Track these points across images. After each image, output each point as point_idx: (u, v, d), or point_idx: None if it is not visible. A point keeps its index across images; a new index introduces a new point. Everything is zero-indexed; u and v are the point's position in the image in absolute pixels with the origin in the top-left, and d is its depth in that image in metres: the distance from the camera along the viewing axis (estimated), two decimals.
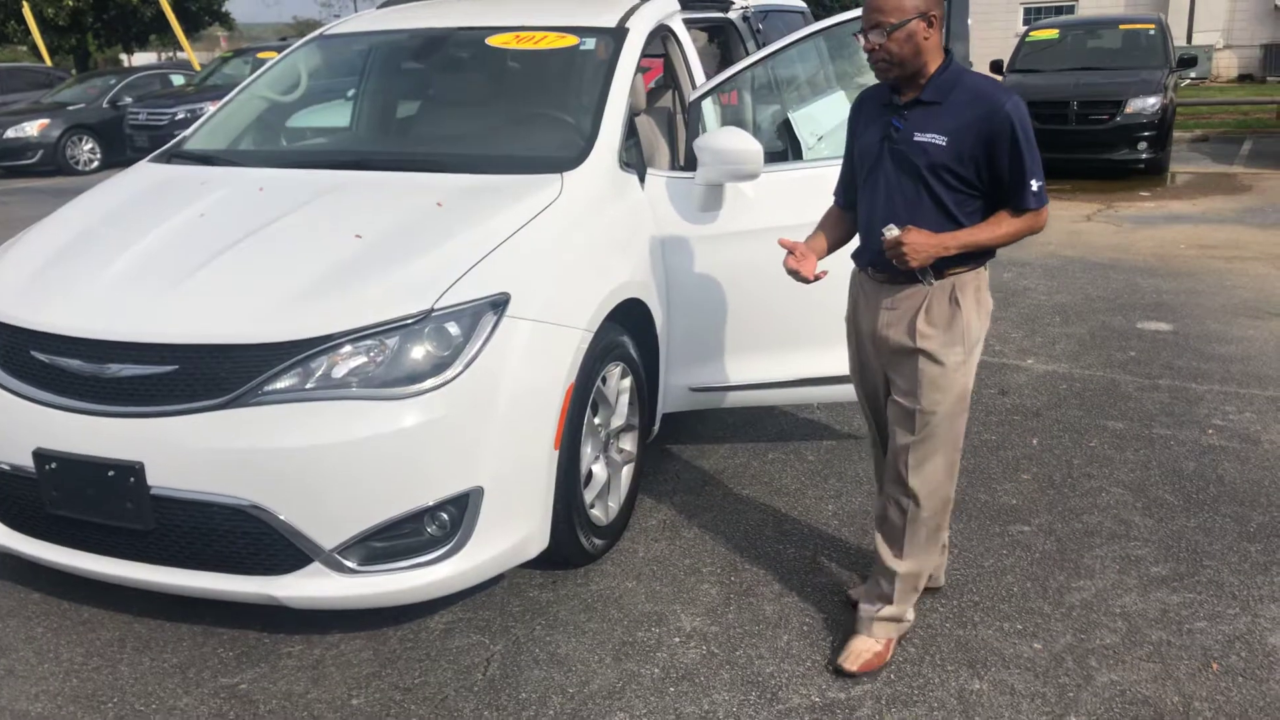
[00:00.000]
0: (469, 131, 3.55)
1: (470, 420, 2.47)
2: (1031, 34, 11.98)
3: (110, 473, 2.42)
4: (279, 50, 14.62)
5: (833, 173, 3.35)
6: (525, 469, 2.60)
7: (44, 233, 3.03)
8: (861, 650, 2.52)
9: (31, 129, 13.86)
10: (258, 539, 2.41)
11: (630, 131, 3.42)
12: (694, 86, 3.80)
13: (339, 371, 2.41)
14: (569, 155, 3.16)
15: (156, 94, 14.75)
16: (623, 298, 3.00)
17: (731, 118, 4.11)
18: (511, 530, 2.60)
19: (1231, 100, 17.05)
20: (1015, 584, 2.88)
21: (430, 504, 2.46)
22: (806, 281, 2.58)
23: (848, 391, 3.57)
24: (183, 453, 2.38)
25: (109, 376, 2.44)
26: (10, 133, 13.79)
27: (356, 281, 2.51)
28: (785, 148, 4.04)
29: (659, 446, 3.83)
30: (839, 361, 3.49)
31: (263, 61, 14.69)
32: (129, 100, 14.62)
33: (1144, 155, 9.88)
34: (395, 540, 2.48)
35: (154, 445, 2.40)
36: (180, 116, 12.97)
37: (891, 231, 2.29)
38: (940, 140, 2.29)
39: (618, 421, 3.15)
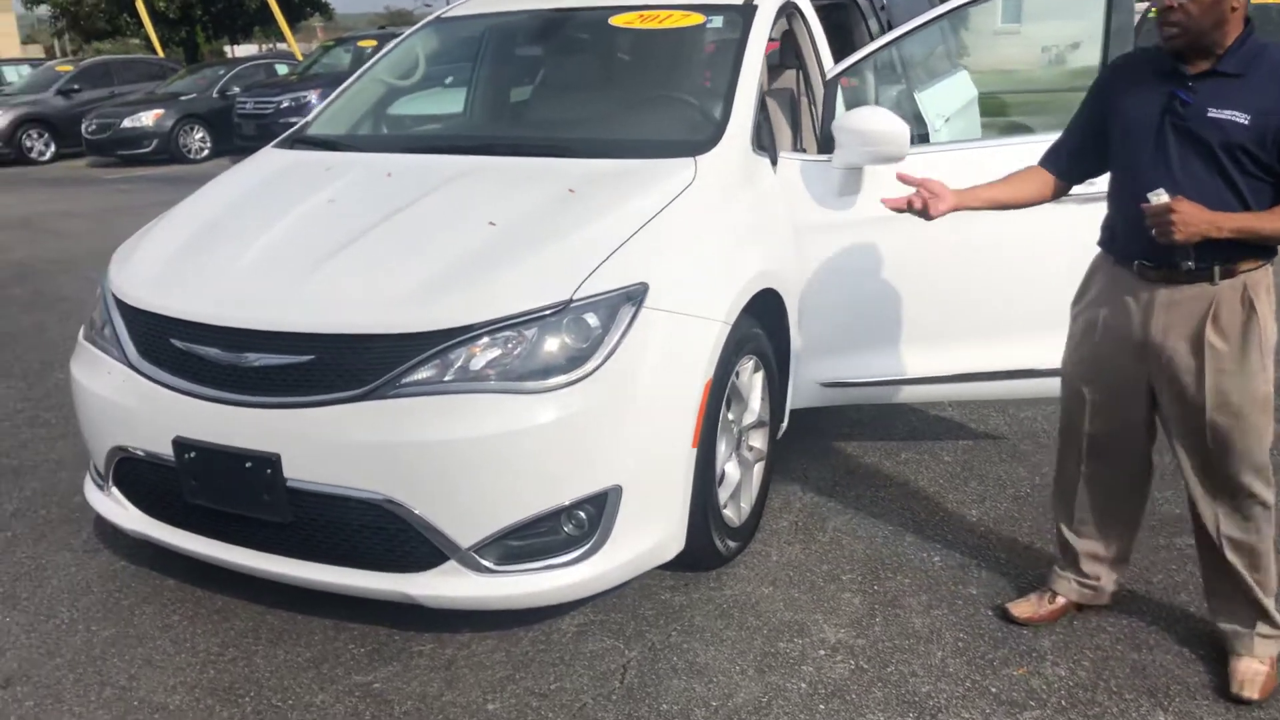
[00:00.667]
0: (594, 115, 3.44)
1: (608, 416, 2.36)
2: None
3: (247, 464, 2.38)
4: (378, 39, 14.90)
5: (981, 155, 3.17)
6: (664, 467, 2.48)
7: (175, 222, 3.02)
8: (1252, 674, 2.28)
9: (147, 119, 14.33)
10: (394, 535, 2.35)
11: (761, 113, 3.26)
12: (820, 65, 3.62)
13: (476, 363, 2.32)
14: (701, 138, 3.02)
15: (262, 83, 15.10)
16: (759, 288, 2.85)
17: (852, 99, 3.92)
18: (650, 531, 2.49)
19: None
20: (1191, 602, 2.65)
21: (567, 503, 2.36)
22: (928, 218, 2.45)
23: (991, 389, 3.37)
24: (320, 445, 2.33)
25: (247, 366, 2.41)
26: (127, 122, 14.28)
27: (492, 270, 2.42)
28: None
29: (784, 445, 3.68)
30: (981, 357, 3.30)
31: (363, 50, 14.97)
32: (236, 90, 15.01)
33: None
34: (532, 539, 2.39)
35: (291, 437, 2.35)
36: (285, 105, 13.23)
37: (1160, 197, 2.04)
38: (1241, 119, 2.05)
39: (750, 418, 3.01)
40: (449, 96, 4.16)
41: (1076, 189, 3.08)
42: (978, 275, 3.20)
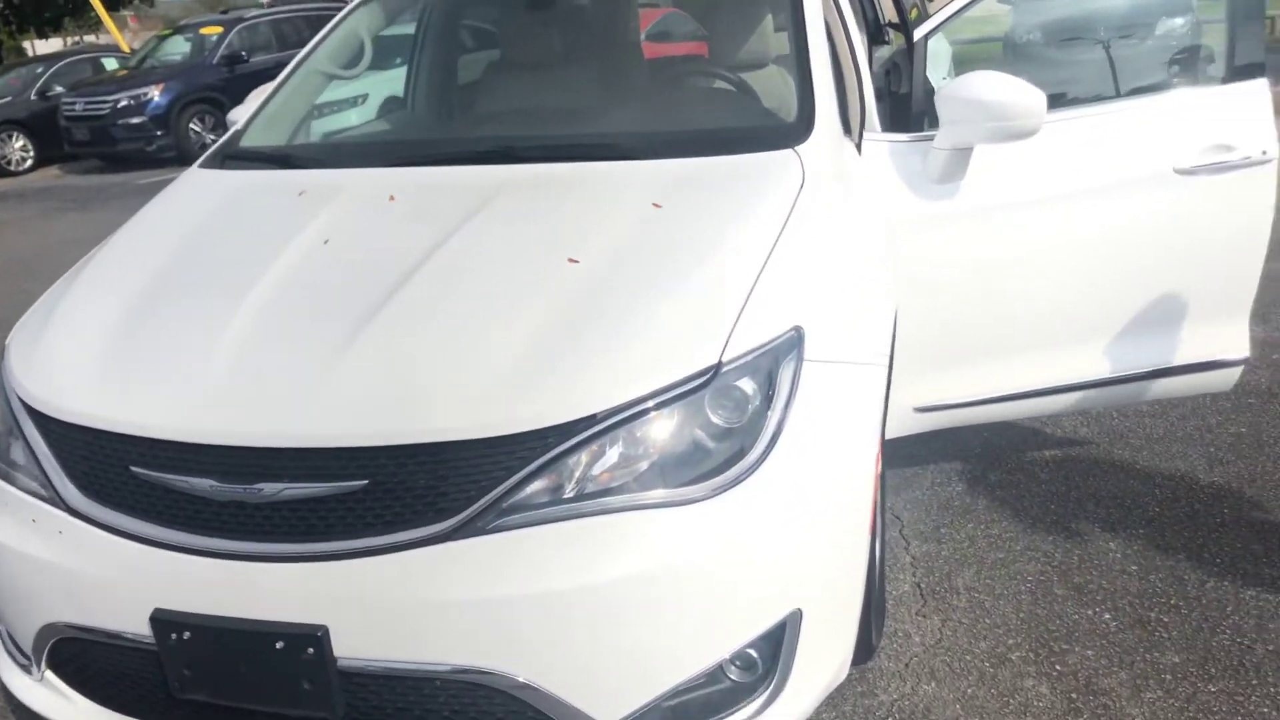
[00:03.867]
0: (638, 101, 2.72)
1: (786, 519, 1.72)
2: None
3: (278, 644, 1.63)
4: (222, 25, 13.43)
5: (1119, 120, 2.65)
6: (847, 570, 1.86)
7: (100, 285, 2.14)
8: None
9: None
10: None
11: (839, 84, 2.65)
12: (845, 29, 3.02)
13: (602, 468, 1.63)
14: (791, 122, 2.38)
15: (90, 81, 13.40)
16: (895, 308, 2.26)
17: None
18: (833, 653, 1.87)
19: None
20: None
21: (738, 647, 1.71)
22: None
23: (1117, 395, 2.89)
24: (387, 609, 1.60)
25: (260, 501, 1.64)
26: None
27: (601, 332, 1.72)
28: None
29: None
30: (1110, 358, 2.82)
31: (205, 38, 13.47)
32: (60, 90, 13.29)
33: None
34: (687, 696, 1.73)
35: (341, 601, 1.61)
36: (124, 104, 11.73)
37: None
38: None
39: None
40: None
41: (1205, 159, 2.64)
42: (1099, 264, 2.70)
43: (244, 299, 1.90)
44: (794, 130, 2.32)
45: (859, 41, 3.05)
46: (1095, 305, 2.76)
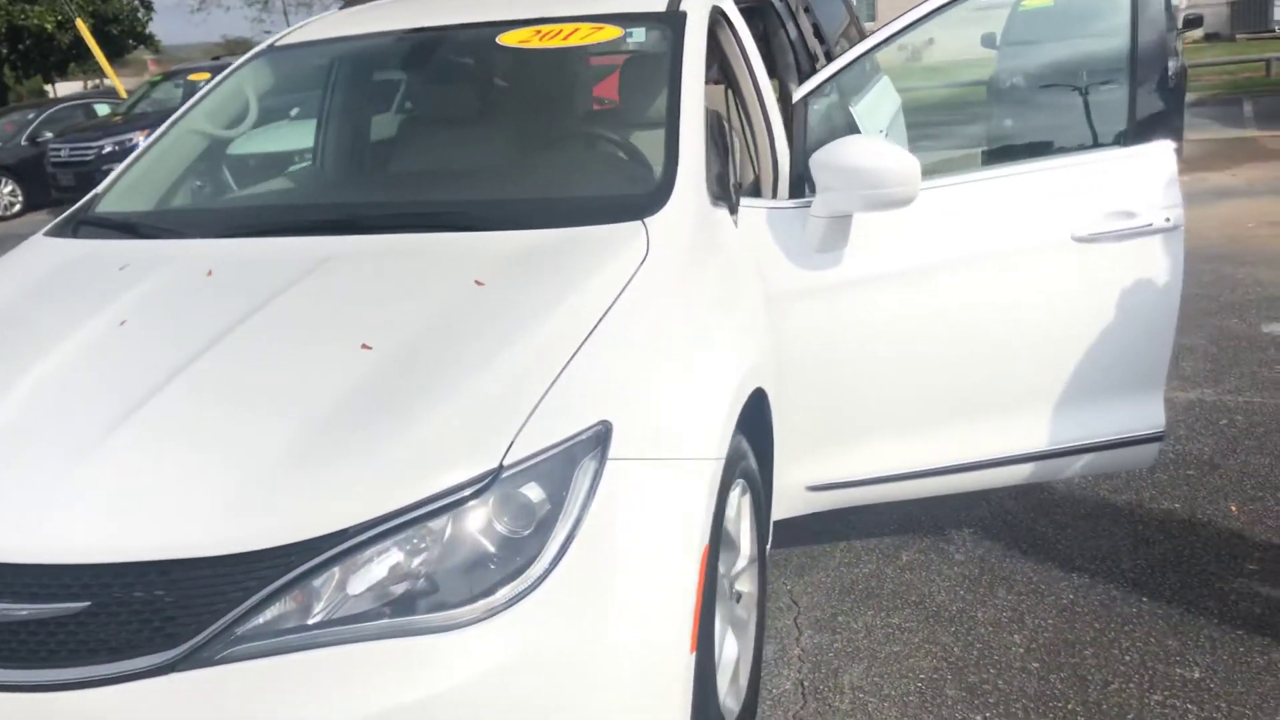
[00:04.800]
0: (489, 168, 2.59)
1: (576, 641, 1.54)
2: (1025, 3, 11.23)
3: None
4: (213, 71, 13.49)
5: (1000, 186, 2.50)
6: (655, 694, 1.68)
7: None
8: None
9: None
10: None
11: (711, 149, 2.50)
12: (755, 82, 2.89)
13: (358, 588, 1.47)
14: (645, 191, 2.23)
15: (79, 126, 13.49)
16: (750, 390, 2.10)
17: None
18: None
19: (1216, 60, 16.44)
20: None
21: None
22: None
23: (1020, 473, 2.71)
24: None
25: None
26: None
27: (371, 432, 1.57)
28: None
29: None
30: (1008, 436, 2.65)
31: (194, 85, 13.51)
32: (49, 135, 13.37)
33: None
34: None
35: None
36: (108, 150, 11.78)
37: None
38: None
39: (741, 563, 2.25)
40: (297, 132, 3.25)
41: (1105, 226, 2.47)
42: (999, 335, 2.54)
43: (14, 387, 1.76)
44: (646, 200, 2.18)
45: (770, 99, 2.92)
46: (996, 379, 2.59)
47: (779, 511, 2.67)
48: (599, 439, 1.63)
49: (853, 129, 2.85)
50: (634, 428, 1.69)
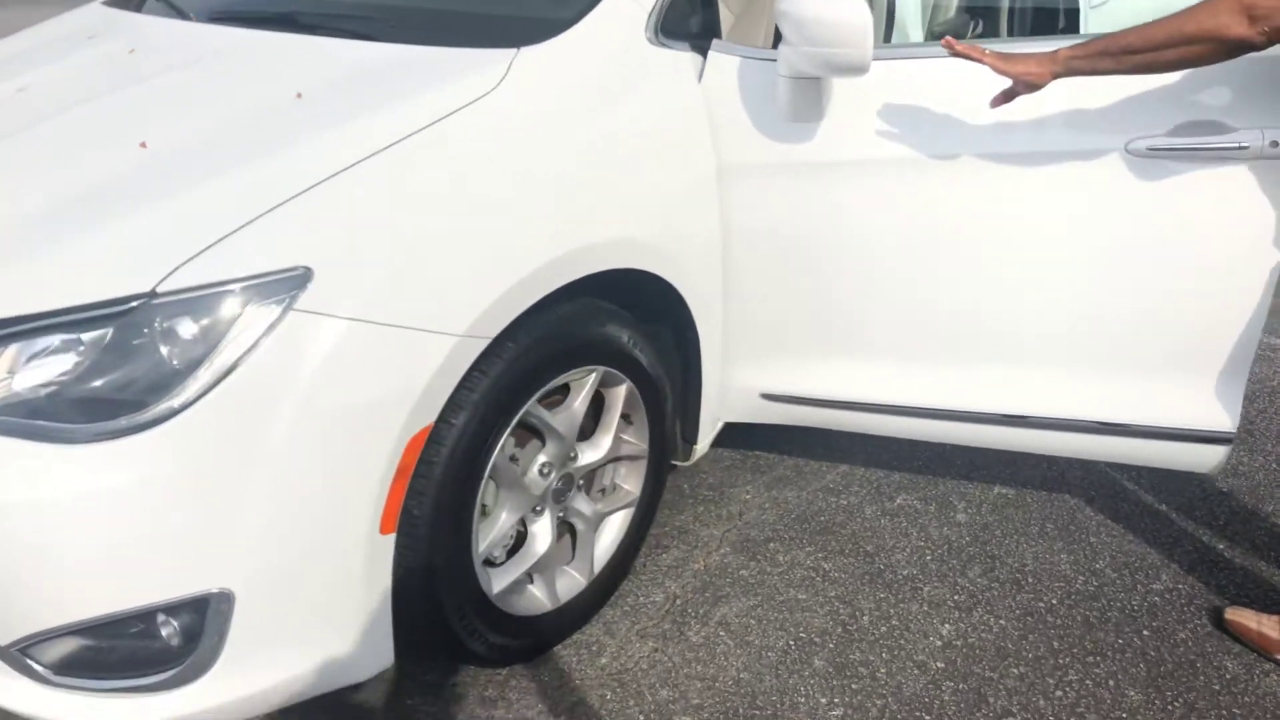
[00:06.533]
0: None
1: (204, 485, 1.46)
2: None
3: None
4: None
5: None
6: (320, 564, 1.58)
7: None
8: None
9: None
10: None
11: None
12: None
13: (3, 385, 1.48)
14: (544, 17, 1.91)
15: None
16: (600, 268, 1.81)
17: None
18: (297, 652, 1.62)
19: None
20: None
21: (159, 603, 1.53)
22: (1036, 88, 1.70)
23: (1029, 438, 2.16)
24: None
25: None
26: None
27: (70, 231, 1.53)
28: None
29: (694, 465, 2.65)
30: (1020, 387, 2.10)
31: None
32: None
33: None
34: (115, 640, 1.58)
35: None
36: None
37: None
38: None
39: (594, 455, 2.02)
40: None
41: (1173, 141, 1.78)
42: (1024, 259, 1.97)
43: None
44: (538, 28, 1.86)
45: None
46: (1011, 313, 2.04)
47: (732, 414, 2.36)
48: (291, 284, 1.48)
49: None
50: (350, 282, 1.51)
